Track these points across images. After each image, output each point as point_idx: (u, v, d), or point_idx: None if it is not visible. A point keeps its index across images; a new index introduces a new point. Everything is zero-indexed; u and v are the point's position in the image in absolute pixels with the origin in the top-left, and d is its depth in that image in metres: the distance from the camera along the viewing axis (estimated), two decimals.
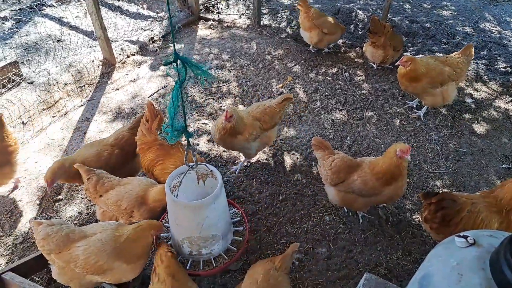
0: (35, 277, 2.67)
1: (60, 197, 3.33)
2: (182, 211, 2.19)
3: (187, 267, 2.36)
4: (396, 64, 4.03)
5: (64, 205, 3.26)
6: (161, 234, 2.56)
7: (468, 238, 1.31)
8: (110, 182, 2.65)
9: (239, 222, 2.67)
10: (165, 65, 1.77)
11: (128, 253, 2.17)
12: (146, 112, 2.97)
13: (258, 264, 2.28)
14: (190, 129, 3.95)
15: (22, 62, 4.87)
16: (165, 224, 2.65)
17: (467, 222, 2.30)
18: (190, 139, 2.14)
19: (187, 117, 2.15)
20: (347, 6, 6.46)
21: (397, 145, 2.56)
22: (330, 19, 4.94)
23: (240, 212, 2.74)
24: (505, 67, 5.02)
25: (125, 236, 2.18)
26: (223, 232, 2.37)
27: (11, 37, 5.46)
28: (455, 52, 4.05)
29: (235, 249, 2.45)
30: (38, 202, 3.29)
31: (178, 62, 1.78)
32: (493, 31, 5.89)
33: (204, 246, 2.31)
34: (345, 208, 3.16)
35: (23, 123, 4.02)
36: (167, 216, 2.74)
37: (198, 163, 2.31)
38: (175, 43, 1.83)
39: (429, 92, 3.90)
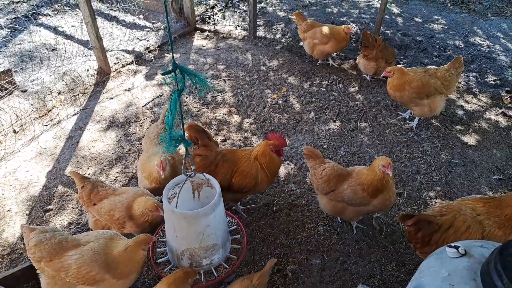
0: None
1: (50, 207, 3.28)
2: (182, 221, 2.15)
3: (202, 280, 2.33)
4: (381, 76, 4.17)
5: (54, 215, 3.20)
6: (157, 249, 2.51)
7: (459, 249, 1.31)
8: (105, 191, 2.61)
9: (235, 230, 2.65)
10: (163, 74, 1.77)
11: (118, 269, 2.12)
12: (191, 134, 2.77)
13: (235, 283, 2.24)
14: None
15: (16, 71, 4.86)
16: (160, 239, 2.60)
17: (448, 238, 2.30)
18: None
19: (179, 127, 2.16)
20: (341, 19, 6.58)
21: (380, 159, 2.56)
22: (323, 29, 4.95)
23: (236, 220, 2.71)
24: (494, 80, 5.12)
25: (117, 253, 2.14)
26: (223, 241, 2.35)
27: (5, 46, 5.45)
28: (444, 65, 4.12)
29: (235, 257, 2.43)
30: (27, 212, 3.23)
31: (177, 71, 1.79)
32: (483, 45, 6.03)
33: (204, 257, 2.28)
34: (339, 218, 3.16)
35: (14, 131, 3.98)
36: (161, 229, 2.69)
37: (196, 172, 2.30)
38: (174, 52, 1.84)
39: (416, 102, 3.96)
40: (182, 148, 3.09)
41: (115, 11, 6.72)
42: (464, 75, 5.21)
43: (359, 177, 2.69)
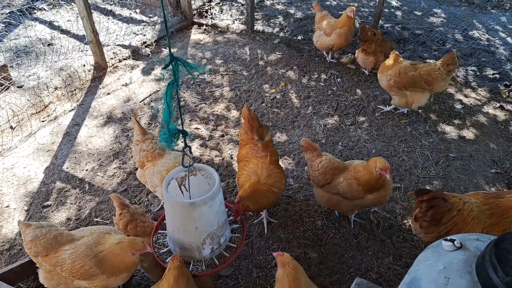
0: (21, 285, 2.61)
1: (48, 202, 3.28)
2: (202, 209, 2.10)
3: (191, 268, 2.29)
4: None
5: (52, 211, 3.20)
6: (161, 251, 2.44)
7: (455, 242, 1.32)
8: (143, 228, 2.46)
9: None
10: (164, 68, 1.74)
11: (108, 266, 2.11)
12: (246, 113, 2.96)
13: None
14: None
15: (11, 66, 4.82)
16: (162, 251, 2.50)
17: (457, 222, 2.32)
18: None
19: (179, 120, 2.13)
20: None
21: (377, 161, 2.55)
22: (329, 21, 4.91)
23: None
24: (493, 74, 5.11)
25: (105, 249, 2.12)
26: (227, 214, 2.41)
27: (1, 41, 5.40)
28: (437, 61, 4.00)
29: (238, 225, 2.47)
30: (26, 208, 3.23)
31: (173, 63, 1.76)
32: (482, 38, 6.01)
33: (221, 235, 2.29)
34: (336, 212, 3.17)
35: (11, 127, 3.97)
36: (154, 243, 2.58)
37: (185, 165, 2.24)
38: (171, 47, 1.82)
39: (395, 91, 4.06)
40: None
41: (111, 5, 6.65)
42: (463, 69, 5.20)
43: (356, 173, 2.70)
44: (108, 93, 4.67)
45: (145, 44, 5.59)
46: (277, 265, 2.75)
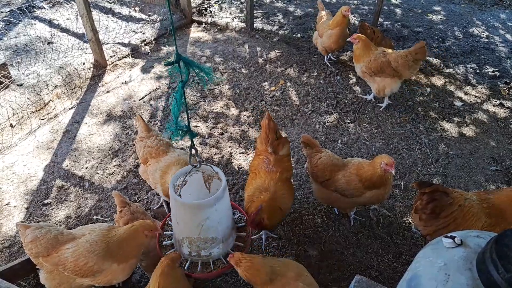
0: (22, 282, 2.61)
1: (48, 200, 3.28)
2: (183, 210, 2.15)
3: (185, 268, 2.31)
4: (348, 39, 4.29)
5: (52, 209, 3.21)
6: (165, 232, 2.49)
7: (456, 239, 1.32)
8: None
9: (243, 228, 2.56)
10: (166, 65, 1.76)
11: (119, 252, 2.13)
12: (264, 122, 2.76)
13: None
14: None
15: (11, 64, 4.81)
16: (170, 223, 2.59)
17: (456, 217, 2.32)
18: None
19: (184, 118, 2.14)
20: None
21: (383, 157, 2.57)
22: (323, 21, 4.88)
23: (246, 217, 2.66)
24: (493, 71, 5.10)
25: (118, 235, 2.15)
26: (224, 236, 2.30)
27: (0, 39, 5.39)
28: (409, 48, 3.99)
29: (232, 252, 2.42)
30: (26, 205, 3.23)
31: (180, 62, 1.78)
32: (482, 36, 6.00)
33: (203, 248, 2.26)
34: (336, 210, 3.17)
35: (11, 125, 3.97)
36: (169, 217, 2.67)
37: (204, 164, 2.27)
38: (170, 45, 1.83)
39: (367, 78, 4.19)
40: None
41: (110, 3, 6.63)
42: (462, 66, 5.20)
43: (359, 169, 2.69)
44: (108, 91, 4.66)
45: (145, 42, 5.57)
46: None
